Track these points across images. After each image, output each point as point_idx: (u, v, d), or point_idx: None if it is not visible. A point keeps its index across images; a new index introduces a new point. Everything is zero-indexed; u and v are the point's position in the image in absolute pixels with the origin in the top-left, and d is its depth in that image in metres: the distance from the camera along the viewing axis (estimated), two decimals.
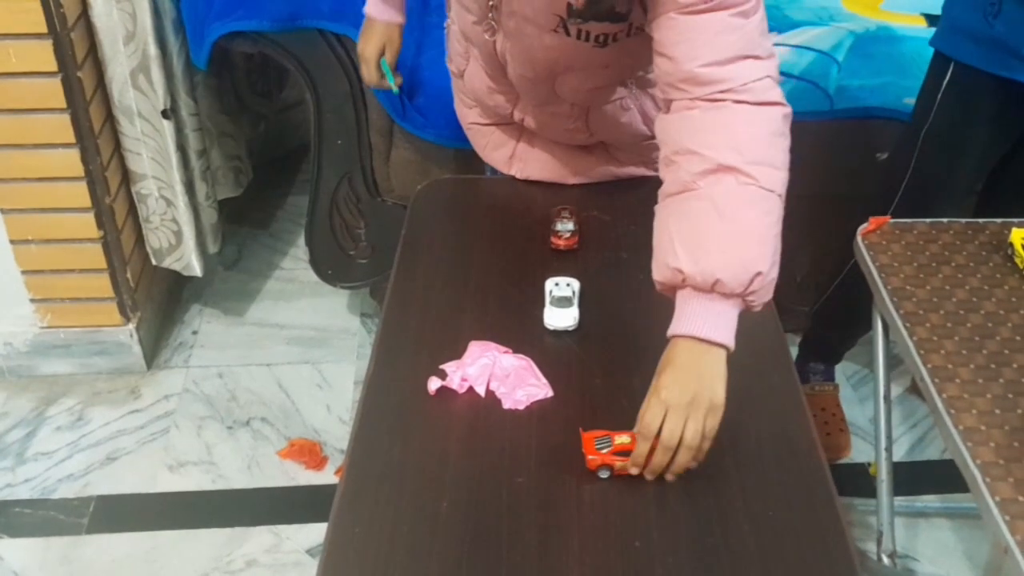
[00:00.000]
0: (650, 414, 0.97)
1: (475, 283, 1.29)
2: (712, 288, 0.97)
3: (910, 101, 1.71)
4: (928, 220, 1.47)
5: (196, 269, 2.07)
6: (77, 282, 1.95)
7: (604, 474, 1.01)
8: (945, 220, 1.47)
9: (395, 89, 1.55)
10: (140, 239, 2.05)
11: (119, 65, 1.80)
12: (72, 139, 1.77)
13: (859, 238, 1.44)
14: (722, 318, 0.98)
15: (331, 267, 2.07)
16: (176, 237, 2.03)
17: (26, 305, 1.97)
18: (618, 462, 1.01)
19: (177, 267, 2.07)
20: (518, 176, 1.48)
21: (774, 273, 0.99)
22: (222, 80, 2.13)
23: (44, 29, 1.65)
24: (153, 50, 1.78)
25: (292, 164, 2.75)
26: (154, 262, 2.08)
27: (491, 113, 1.43)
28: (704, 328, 0.97)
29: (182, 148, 1.95)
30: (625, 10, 1.07)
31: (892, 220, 1.46)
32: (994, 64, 1.46)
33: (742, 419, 1.04)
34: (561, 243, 1.31)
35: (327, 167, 1.95)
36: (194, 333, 2.19)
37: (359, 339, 2.18)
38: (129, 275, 1.99)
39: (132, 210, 2.00)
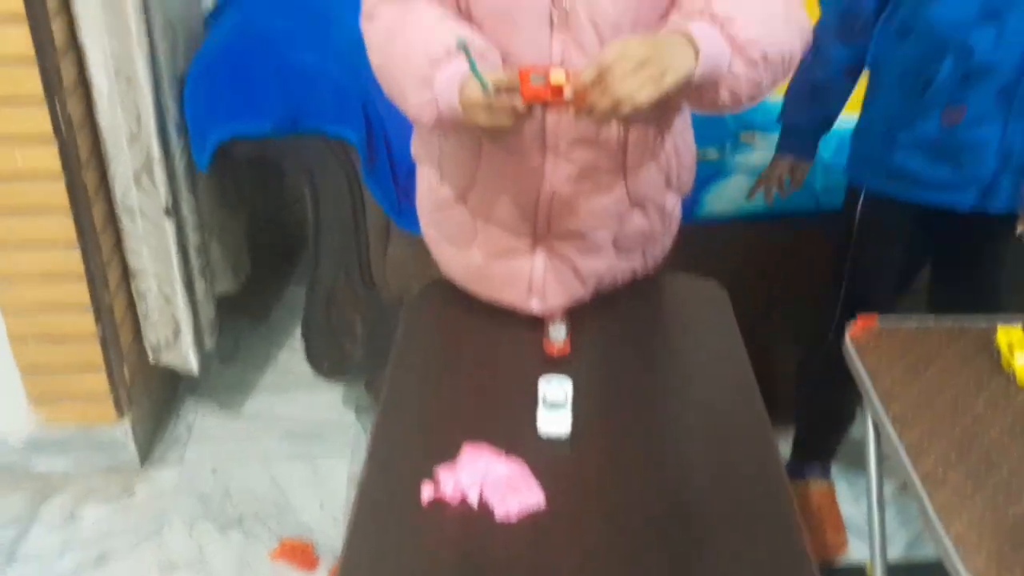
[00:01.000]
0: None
1: (469, 384, 1.30)
2: (723, 26, 1.10)
3: None
4: (915, 320, 1.49)
5: (193, 366, 2.08)
6: (74, 379, 1.96)
7: (522, 106, 1.08)
8: (932, 320, 1.49)
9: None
10: (138, 334, 2.07)
11: (122, 165, 1.84)
12: (74, 239, 1.80)
13: (847, 339, 1.46)
14: (716, 46, 1.10)
15: (327, 360, 2.09)
16: (174, 334, 2.04)
17: (23, 402, 1.98)
18: (551, 98, 1.09)
19: (174, 364, 2.09)
20: (537, 311, 1.40)
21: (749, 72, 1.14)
22: (224, 176, 2.17)
23: (50, 132, 1.70)
24: (156, 151, 1.83)
25: (291, 255, 2.79)
26: (151, 359, 2.09)
27: (502, 234, 1.36)
28: (697, 34, 1.09)
29: (182, 245, 1.98)
30: None
31: (880, 320, 1.49)
32: (899, 190, 1.58)
33: (724, 511, 1.04)
34: (554, 350, 1.32)
35: (324, 263, 1.98)
36: (189, 428, 2.19)
37: (354, 433, 2.18)
38: (126, 371, 2.00)
39: (131, 306, 2.03)
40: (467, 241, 1.41)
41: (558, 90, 1.09)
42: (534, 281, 1.39)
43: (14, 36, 1.61)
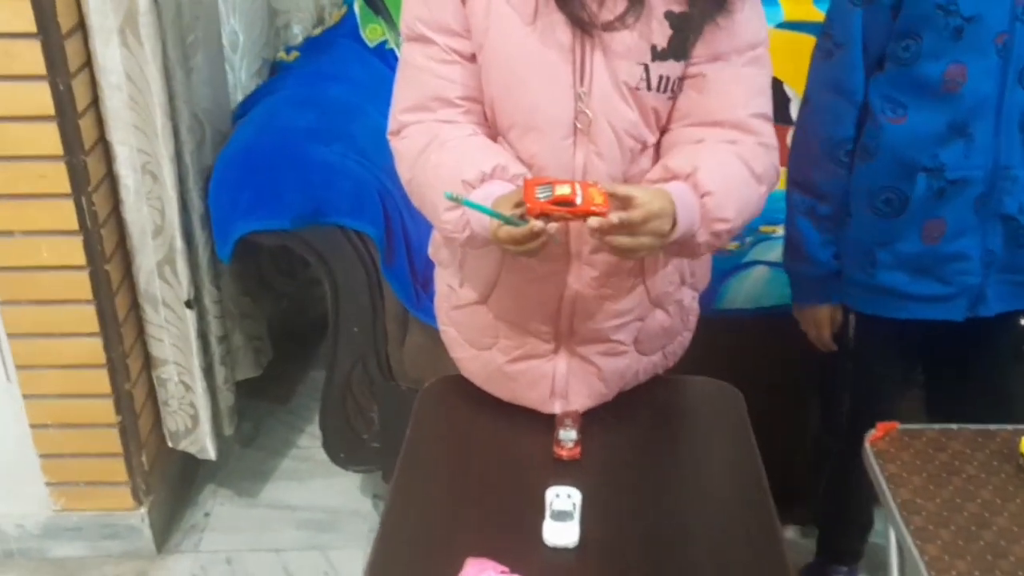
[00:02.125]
0: (642, 204, 1.10)
1: (474, 492, 1.29)
2: (702, 197, 1.17)
3: None
4: (937, 426, 1.46)
5: (210, 452, 2.08)
6: (92, 466, 1.97)
7: (541, 224, 1.07)
8: (955, 426, 1.46)
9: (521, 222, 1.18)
10: (158, 421, 2.08)
11: (146, 257, 1.87)
12: (96, 328, 1.83)
13: (867, 445, 1.42)
14: (691, 219, 1.17)
15: (344, 450, 2.08)
16: (192, 421, 2.05)
17: (41, 487, 1.99)
18: (556, 211, 1.07)
19: (192, 450, 2.09)
20: (560, 412, 1.38)
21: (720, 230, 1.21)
22: (246, 265, 2.20)
23: (76, 227, 1.73)
24: (179, 243, 1.86)
25: (313, 338, 2.80)
26: (170, 444, 2.10)
27: (524, 336, 1.36)
28: (679, 202, 1.15)
29: (203, 335, 2.00)
30: (693, 47, 1.21)
31: (900, 426, 1.45)
32: (887, 308, 1.54)
33: None
34: (564, 453, 1.31)
35: (342, 352, 1.98)
36: (206, 515, 2.19)
37: (370, 523, 2.16)
38: (144, 458, 2.01)
39: (152, 393, 2.04)
40: (488, 343, 1.40)
41: (567, 203, 1.09)
42: (557, 383, 1.38)
43: (44, 135, 1.66)
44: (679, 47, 1.20)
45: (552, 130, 1.22)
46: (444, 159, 1.21)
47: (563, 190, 1.10)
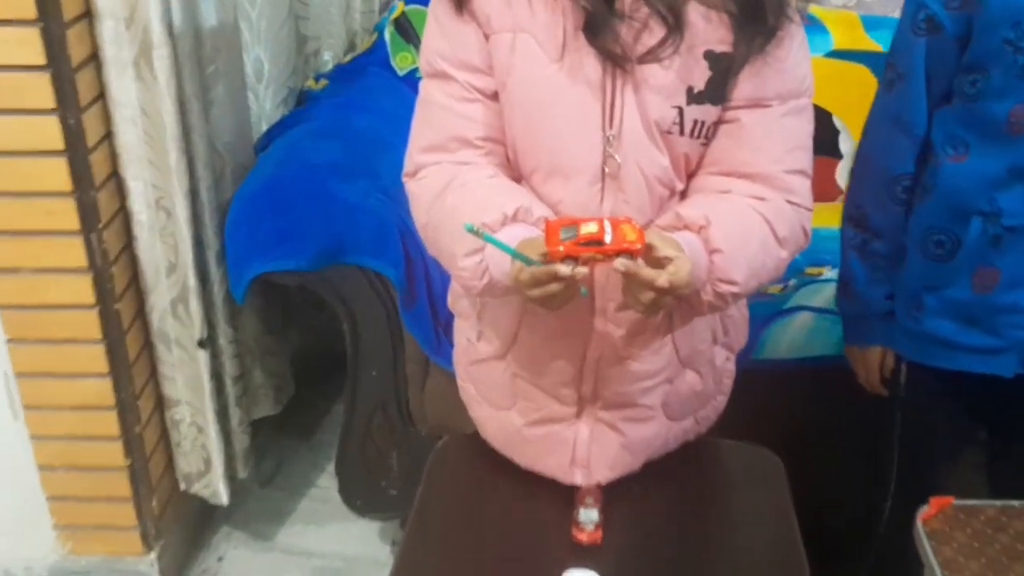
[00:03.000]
0: (679, 270, 1.01)
1: (486, 571, 1.19)
2: (711, 254, 1.08)
3: None
4: (999, 503, 1.33)
5: (222, 497, 2.00)
6: (101, 509, 1.90)
7: (566, 269, 0.97)
8: (1016, 504, 1.33)
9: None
10: (171, 463, 2.01)
11: (160, 295, 1.81)
12: (106, 369, 1.76)
13: (919, 525, 1.30)
14: (699, 276, 1.07)
15: (361, 497, 1.99)
16: (205, 464, 1.98)
17: (48, 531, 1.92)
18: (584, 252, 0.98)
19: (204, 494, 2.02)
20: (583, 484, 1.28)
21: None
22: (270, 301, 2.13)
23: (85, 264, 1.67)
24: (192, 281, 1.79)
25: (339, 370, 2.71)
26: (183, 487, 2.02)
27: (544, 398, 1.26)
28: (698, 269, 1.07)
29: (217, 375, 1.93)
30: (732, 90, 1.12)
31: (956, 502, 1.33)
32: (934, 357, 1.41)
33: None
34: (583, 537, 1.20)
35: (361, 397, 1.90)
36: (219, 559, 2.11)
37: (387, 572, 2.05)
38: (155, 503, 1.94)
39: (164, 434, 1.97)
40: (506, 403, 1.31)
41: (595, 243, 0.99)
42: (578, 452, 1.28)
43: (53, 170, 1.60)
44: (717, 90, 1.11)
45: (578, 175, 1.13)
46: (462, 201, 1.12)
47: (589, 228, 0.99)
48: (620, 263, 0.97)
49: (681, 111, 1.10)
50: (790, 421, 1.70)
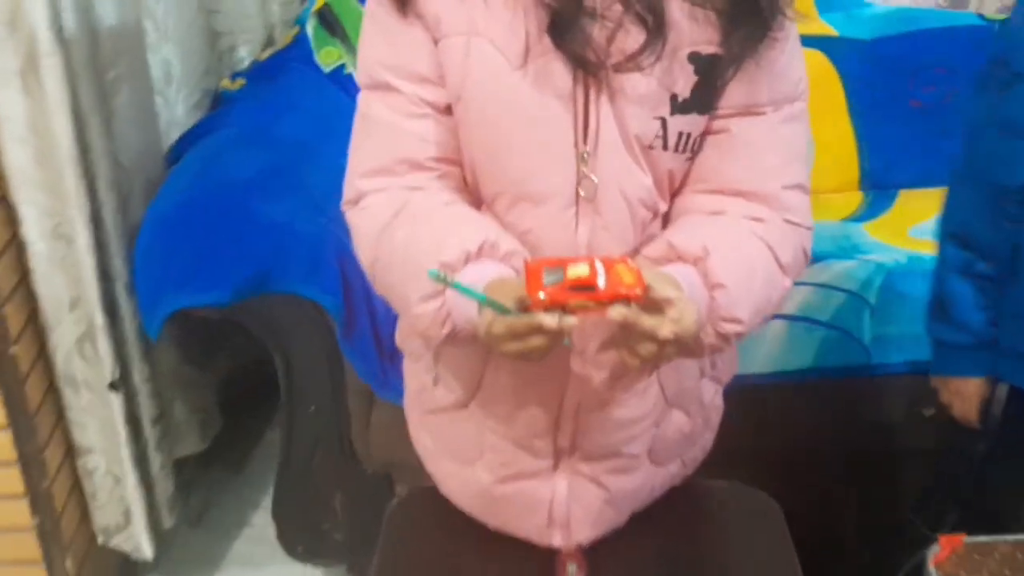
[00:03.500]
0: (687, 318, 0.86)
1: None
2: (712, 289, 0.93)
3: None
4: (1010, 538, 1.22)
5: (146, 551, 1.81)
6: (9, 574, 1.69)
7: (551, 320, 0.81)
8: None
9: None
10: (86, 515, 1.80)
11: (63, 335, 1.60)
12: (3, 421, 1.55)
13: (931, 569, 1.18)
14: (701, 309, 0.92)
15: (302, 543, 1.82)
16: (125, 516, 1.78)
17: None
18: (573, 300, 0.81)
19: (126, 548, 1.82)
20: (561, 546, 1.13)
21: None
22: (189, 328, 1.92)
23: None
24: (99, 317, 1.59)
25: (271, 392, 2.51)
26: (100, 540, 1.82)
27: (516, 452, 1.09)
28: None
29: (133, 418, 1.73)
30: (720, 96, 0.97)
31: (968, 540, 1.21)
32: None
33: None
34: None
35: (298, 436, 1.72)
36: None
37: None
38: (70, 563, 1.73)
39: (77, 486, 1.76)
40: (470, 457, 1.14)
41: (586, 287, 0.83)
42: (556, 511, 1.12)
43: None
44: (704, 98, 0.96)
45: (549, 199, 0.97)
46: (415, 235, 0.95)
47: (578, 271, 0.83)
48: (616, 312, 0.82)
49: (664, 123, 0.95)
50: (774, 448, 1.58)
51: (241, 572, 2.01)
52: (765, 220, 0.98)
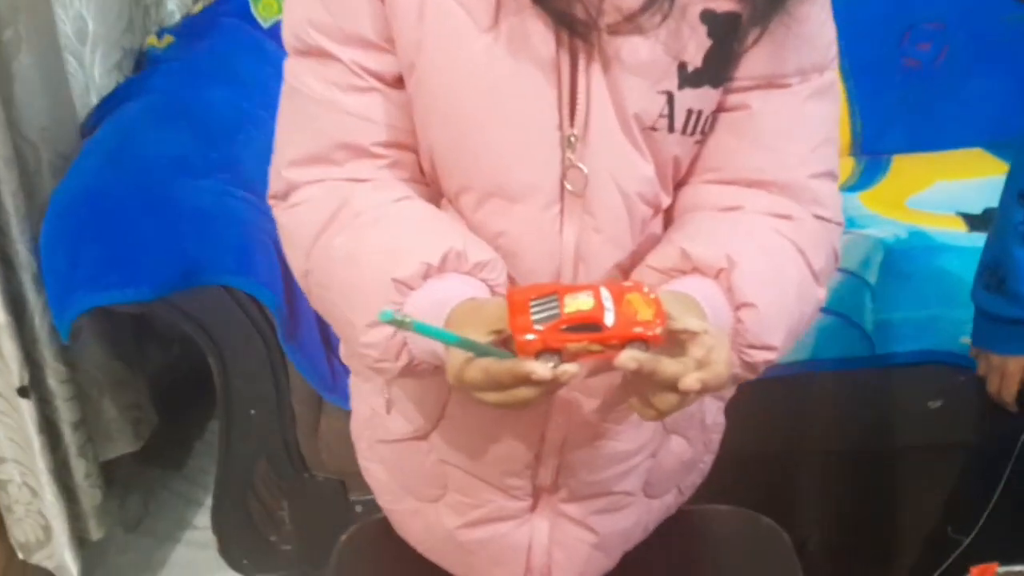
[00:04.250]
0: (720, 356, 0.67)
1: None
2: (738, 310, 0.75)
3: (967, 340, 1.35)
4: None
5: (70, 568, 1.62)
6: None
7: (544, 370, 0.62)
8: None
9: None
10: (3, 530, 1.61)
11: None
12: None
13: None
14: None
15: (247, 556, 1.64)
16: (44, 531, 1.58)
17: None
18: (572, 341, 0.63)
19: (48, 565, 1.63)
20: None
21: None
22: (115, 320, 1.72)
23: None
24: (2, 315, 1.38)
25: (212, 384, 2.32)
26: (21, 557, 1.63)
27: (486, 490, 0.92)
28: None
29: (50, 425, 1.53)
30: (737, 65, 0.79)
31: (1000, 569, 1.07)
32: None
33: None
34: None
35: (238, 443, 1.53)
36: None
37: None
38: None
39: None
40: (430, 494, 0.97)
41: (591, 326, 0.64)
42: (535, 558, 0.95)
43: None
44: (719, 67, 0.78)
45: (528, 195, 0.78)
46: (359, 242, 0.76)
47: (579, 303, 0.65)
48: (628, 359, 0.64)
49: (671, 98, 0.77)
50: (767, 450, 1.43)
51: None
52: (793, 217, 0.81)
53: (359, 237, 0.76)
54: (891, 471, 1.60)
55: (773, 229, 0.80)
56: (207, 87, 1.62)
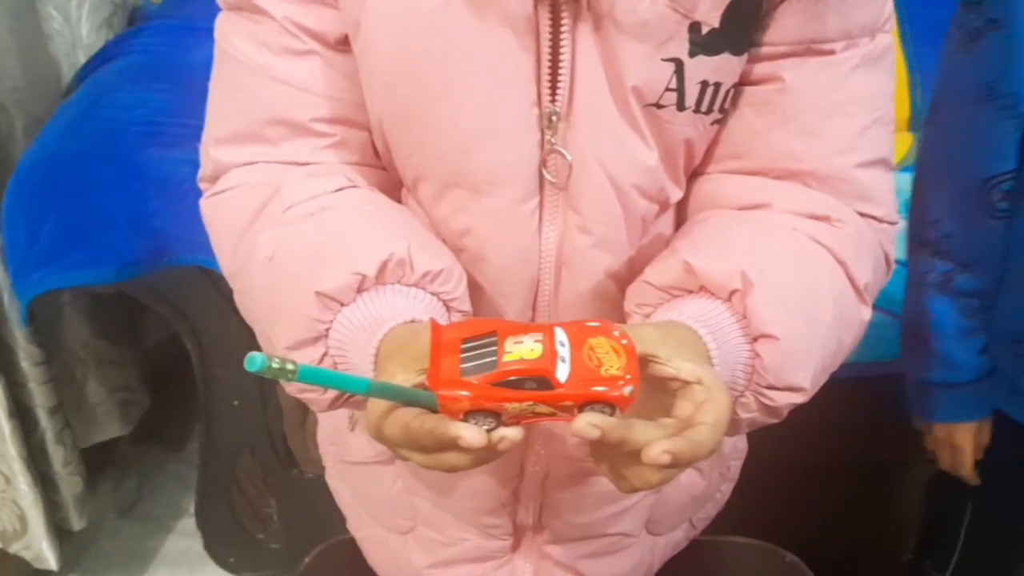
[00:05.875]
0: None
1: None
2: (757, 342, 0.59)
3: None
4: None
5: (48, 559, 1.53)
6: None
7: (474, 436, 0.48)
8: None
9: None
10: None
11: None
12: None
13: None
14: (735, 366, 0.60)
15: (233, 554, 1.54)
16: (20, 521, 1.49)
17: None
18: (511, 400, 0.48)
19: (27, 556, 1.54)
20: None
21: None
22: (99, 296, 1.61)
23: None
24: None
25: None
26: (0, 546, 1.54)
27: (459, 527, 0.79)
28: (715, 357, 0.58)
29: (23, 410, 1.42)
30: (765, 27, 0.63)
31: None
32: None
33: None
34: None
35: (220, 435, 1.42)
36: None
37: None
38: None
39: None
40: (399, 525, 0.84)
41: (536, 379, 0.49)
42: None
43: None
44: (742, 28, 0.62)
45: (498, 186, 0.64)
46: (285, 242, 0.62)
47: (523, 349, 0.50)
48: (588, 425, 0.49)
49: (680, 67, 0.61)
50: (792, 464, 1.28)
51: (173, 573, 1.74)
52: (832, 219, 0.64)
53: (284, 236, 0.62)
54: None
55: (806, 234, 0.64)
56: (195, 47, 1.48)
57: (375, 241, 0.60)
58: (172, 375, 1.89)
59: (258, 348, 1.33)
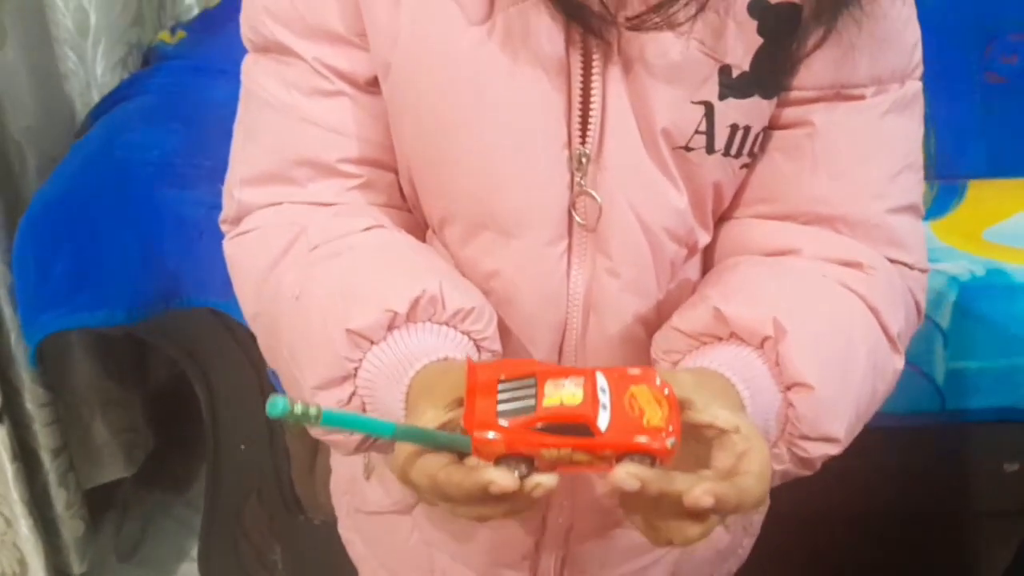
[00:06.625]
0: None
1: None
2: (790, 391, 0.58)
3: None
4: None
5: None
6: None
7: (507, 480, 0.46)
8: None
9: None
10: None
11: None
12: None
13: None
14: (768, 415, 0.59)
15: None
16: (20, 565, 1.46)
17: None
18: (549, 446, 0.46)
19: None
20: None
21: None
22: (107, 335, 1.59)
23: None
24: None
25: None
26: None
27: (480, 571, 0.77)
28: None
29: (27, 451, 1.41)
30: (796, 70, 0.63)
31: None
32: None
33: None
34: None
35: (227, 479, 1.40)
36: None
37: None
38: None
39: None
40: None
41: (576, 427, 0.47)
42: None
43: None
44: (773, 71, 0.61)
45: (527, 228, 0.63)
46: (313, 281, 0.62)
47: (563, 394, 0.48)
48: (625, 477, 0.47)
49: (710, 110, 0.61)
50: (817, 517, 1.25)
51: None
52: (864, 265, 0.64)
53: (312, 275, 0.62)
54: (960, 539, 1.42)
55: (837, 281, 0.63)
56: (211, 88, 1.48)
57: (406, 278, 0.59)
58: (176, 416, 1.87)
59: (268, 390, 1.30)
